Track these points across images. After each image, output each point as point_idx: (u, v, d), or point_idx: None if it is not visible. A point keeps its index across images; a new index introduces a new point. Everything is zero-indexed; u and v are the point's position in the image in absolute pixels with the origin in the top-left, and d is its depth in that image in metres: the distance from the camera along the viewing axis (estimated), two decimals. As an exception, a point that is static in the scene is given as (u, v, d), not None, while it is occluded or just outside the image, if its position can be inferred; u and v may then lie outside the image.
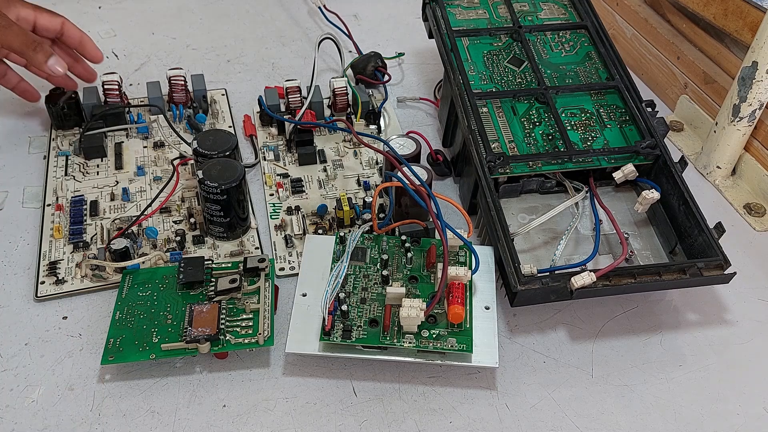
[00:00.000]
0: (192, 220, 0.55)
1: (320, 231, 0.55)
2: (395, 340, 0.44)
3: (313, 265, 0.49)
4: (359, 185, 0.60)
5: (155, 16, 0.82)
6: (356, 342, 0.44)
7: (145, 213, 0.55)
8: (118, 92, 0.63)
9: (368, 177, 0.60)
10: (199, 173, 0.51)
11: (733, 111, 0.58)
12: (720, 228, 0.49)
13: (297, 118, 0.62)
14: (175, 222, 0.56)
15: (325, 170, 0.61)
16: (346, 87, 0.65)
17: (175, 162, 0.59)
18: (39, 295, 0.50)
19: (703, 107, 0.66)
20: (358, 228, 0.51)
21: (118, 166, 0.60)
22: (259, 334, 0.46)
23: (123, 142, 0.63)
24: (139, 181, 0.59)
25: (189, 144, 0.59)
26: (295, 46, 0.79)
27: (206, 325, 0.46)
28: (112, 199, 0.57)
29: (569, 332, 0.50)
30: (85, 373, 0.46)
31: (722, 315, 0.52)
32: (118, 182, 0.59)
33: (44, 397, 0.45)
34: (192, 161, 0.59)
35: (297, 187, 0.59)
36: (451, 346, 0.44)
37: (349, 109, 0.67)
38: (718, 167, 0.62)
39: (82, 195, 0.57)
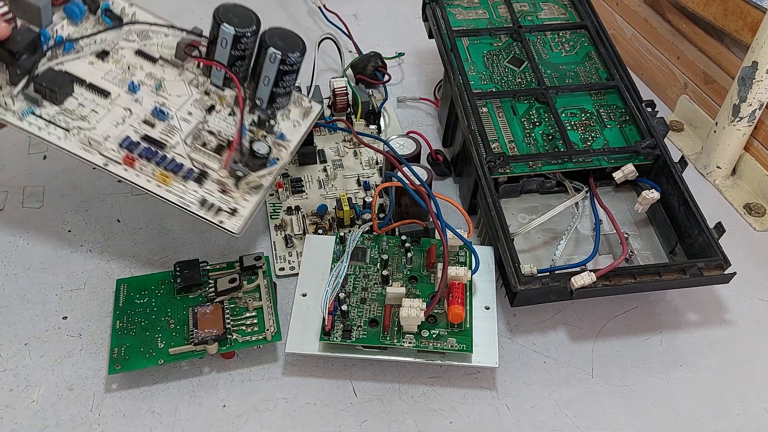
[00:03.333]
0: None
1: (320, 231, 0.55)
2: (395, 340, 0.44)
3: (313, 265, 0.49)
4: (359, 185, 0.59)
5: (155, 16, 0.82)
6: (356, 342, 0.44)
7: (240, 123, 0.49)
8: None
9: (368, 177, 0.60)
10: (274, 51, 0.47)
11: (733, 111, 0.58)
12: (720, 228, 0.49)
13: (297, 118, 0.62)
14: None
15: (325, 170, 0.61)
16: (346, 87, 0.65)
17: (193, 54, 0.52)
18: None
19: (703, 107, 0.66)
20: (358, 228, 0.51)
21: (103, 93, 0.50)
22: (267, 330, 0.46)
23: (62, 67, 0.50)
24: (146, 96, 0.51)
25: (193, 32, 0.52)
26: (295, 46, 0.78)
27: (212, 325, 0.46)
28: (153, 126, 0.49)
29: (569, 332, 0.50)
30: (85, 373, 0.46)
31: (722, 315, 0.52)
32: (130, 109, 0.50)
33: (44, 398, 0.45)
34: (201, 48, 0.52)
35: (297, 187, 0.59)
36: (451, 346, 0.44)
37: (349, 109, 0.66)
38: (718, 167, 0.62)
39: (128, 136, 0.48)
